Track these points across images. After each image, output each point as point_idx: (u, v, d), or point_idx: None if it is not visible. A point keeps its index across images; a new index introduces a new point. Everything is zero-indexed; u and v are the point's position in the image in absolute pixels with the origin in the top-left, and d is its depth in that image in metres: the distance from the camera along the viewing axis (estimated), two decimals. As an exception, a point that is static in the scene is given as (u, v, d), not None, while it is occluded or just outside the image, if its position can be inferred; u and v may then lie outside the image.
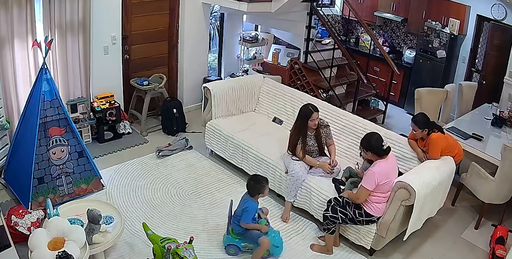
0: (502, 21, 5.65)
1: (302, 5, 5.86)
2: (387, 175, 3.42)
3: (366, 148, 3.50)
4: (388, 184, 3.45)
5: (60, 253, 2.74)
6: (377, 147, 3.43)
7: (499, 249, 3.65)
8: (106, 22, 4.96)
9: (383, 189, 3.44)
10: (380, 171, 3.39)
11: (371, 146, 3.46)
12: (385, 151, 3.43)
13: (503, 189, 4.02)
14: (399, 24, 7.21)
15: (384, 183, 3.41)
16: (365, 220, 3.51)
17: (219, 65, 7.06)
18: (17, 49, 4.26)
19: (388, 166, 3.46)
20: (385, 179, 3.40)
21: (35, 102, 3.83)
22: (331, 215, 3.55)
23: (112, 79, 5.29)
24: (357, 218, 3.50)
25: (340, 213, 3.54)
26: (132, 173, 4.68)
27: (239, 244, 3.59)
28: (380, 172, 3.39)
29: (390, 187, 3.48)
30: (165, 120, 5.60)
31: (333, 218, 3.55)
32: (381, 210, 3.50)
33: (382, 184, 3.40)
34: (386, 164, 3.44)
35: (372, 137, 3.52)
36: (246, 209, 3.44)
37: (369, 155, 3.50)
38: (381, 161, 3.45)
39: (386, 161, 3.45)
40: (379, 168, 3.41)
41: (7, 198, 4.10)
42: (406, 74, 6.86)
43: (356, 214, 3.50)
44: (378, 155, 3.45)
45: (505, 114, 4.98)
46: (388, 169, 3.46)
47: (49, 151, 3.90)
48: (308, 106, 4.01)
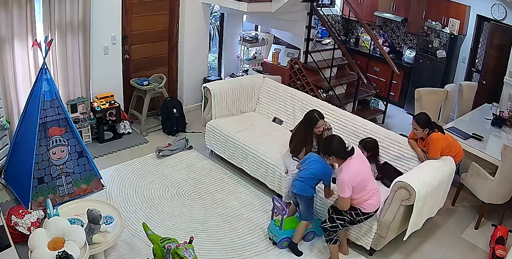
0: (502, 21, 5.65)
1: (302, 5, 5.86)
2: (358, 175, 3.23)
3: (327, 153, 3.29)
4: (365, 181, 3.27)
5: (60, 253, 2.74)
6: (340, 150, 3.25)
7: (499, 249, 3.65)
8: (106, 22, 4.96)
9: (361, 187, 3.26)
10: (349, 176, 3.20)
11: (334, 150, 3.26)
12: (349, 152, 3.25)
13: (503, 189, 4.02)
14: (399, 24, 7.21)
15: (360, 182, 3.23)
16: (364, 217, 3.41)
17: (219, 65, 7.06)
18: (17, 49, 4.26)
19: (355, 165, 3.25)
20: (358, 179, 3.21)
21: (35, 102, 3.83)
22: (330, 225, 3.43)
23: (112, 79, 5.30)
24: (355, 219, 3.40)
25: (338, 221, 3.41)
26: (132, 173, 4.68)
27: (290, 235, 3.68)
28: (350, 176, 3.19)
29: (368, 182, 3.31)
30: (165, 120, 5.60)
31: (333, 228, 3.43)
32: (375, 204, 3.38)
33: (358, 184, 3.22)
34: (353, 164, 3.24)
35: (332, 140, 3.32)
36: (330, 173, 3.56)
37: (332, 160, 3.30)
38: (346, 163, 3.24)
39: (351, 161, 3.25)
40: (347, 173, 3.20)
41: (7, 198, 4.10)
42: (406, 74, 6.86)
43: (354, 215, 3.38)
44: (342, 158, 3.25)
45: (505, 114, 4.98)
46: (357, 168, 3.25)
47: (49, 151, 3.90)
48: (314, 113, 3.92)
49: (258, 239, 3.85)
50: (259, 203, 4.34)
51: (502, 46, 5.61)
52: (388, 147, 4.18)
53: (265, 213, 4.18)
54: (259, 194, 4.48)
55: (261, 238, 3.86)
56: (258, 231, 3.95)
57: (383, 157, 4.18)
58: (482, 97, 5.67)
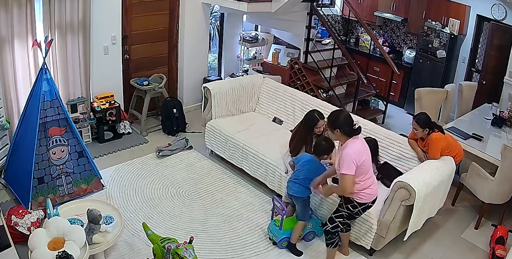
0: (502, 21, 5.65)
1: (302, 5, 5.86)
2: (362, 154, 3.08)
3: (333, 126, 3.08)
4: (367, 166, 3.11)
5: (60, 253, 2.74)
6: (347, 125, 3.05)
7: (499, 249, 3.65)
8: (106, 22, 4.96)
9: (363, 171, 3.10)
10: (355, 151, 3.01)
11: (340, 124, 3.05)
12: (356, 130, 3.07)
13: (503, 189, 4.02)
14: (399, 24, 7.21)
15: (362, 165, 3.06)
16: (362, 209, 3.28)
17: (219, 65, 7.06)
18: (17, 49, 4.26)
19: (361, 145, 3.10)
20: (363, 158, 3.06)
21: (35, 102, 3.83)
22: (331, 226, 3.35)
23: (112, 79, 5.30)
24: (353, 212, 3.27)
25: (337, 219, 3.33)
26: (132, 173, 4.68)
27: (290, 235, 3.67)
28: (356, 152, 3.01)
29: (369, 168, 3.17)
30: (165, 120, 5.60)
31: (334, 228, 3.35)
32: (372, 194, 3.24)
33: (361, 165, 3.04)
34: (358, 143, 3.08)
35: (340, 113, 3.14)
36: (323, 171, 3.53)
37: (337, 135, 3.09)
38: (352, 140, 3.07)
39: (357, 140, 3.08)
40: (353, 148, 3.02)
41: (7, 198, 4.10)
42: (406, 74, 6.86)
43: (350, 208, 3.25)
44: (348, 135, 3.07)
45: (505, 114, 4.98)
46: (362, 148, 3.10)
47: (49, 151, 3.90)
48: (314, 113, 3.92)
49: (258, 239, 3.85)
50: (259, 203, 4.34)
51: (502, 46, 5.61)
52: (388, 147, 4.18)
53: (265, 213, 4.18)
54: (259, 194, 4.48)
55: (261, 238, 3.86)
56: (258, 231, 3.95)
57: (383, 157, 4.18)
58: (482, 97, 5.67)
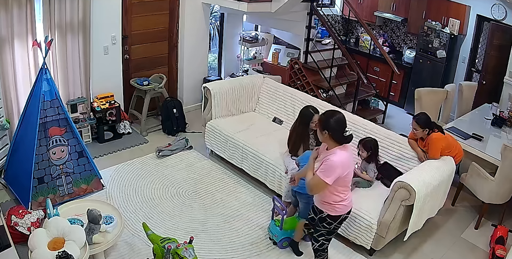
0: (502, 21, 5.65)
1: (302, 5, 5.86)
2: (348, 166, 2.89)
3: (323, 126, 2.87)
4: (349, 178, 2.95)
5: (60, 253, 2.74)
6: (337, 129, 2.84)
7: (499, 249, 3.65)
8: (106, 22, 4.96)
9: (344, 183, 2.94)
10: (343, 161, 2.82)
11: (330, 126, 2.84)
12: (346, 138, 2.86)
13: (503, 189, 4.02)
14: (399, 24, 7.21)
15: (346, 177, 2.89)
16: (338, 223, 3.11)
17: (219, 65, 7.06)
18: (17, 49, 4.26)
19: (348, 156, 2.89)
20: (347, 170, 2.87)
21: (35, 102, 3.83)
22: (318, 245, 3.23)
23: (112, 79, 5.30)
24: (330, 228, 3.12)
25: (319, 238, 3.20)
26: (132, 173, 4.68)
27: (290, 235, 3.68)
28: (343, 163, 2.82)
29: (350, 180, 3.00)
30: (165, 120, 5.60)
31: (321, 246, 3.24)
32: (347, 206, 3.07)
33: (344, 176, 2.87)
34: (347, 154, 2.88)
35: (334, 115, 2.89)
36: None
37: (325, 137, 2.89)
38: (341, 148, 2.87)
39: (346, 150, 2.89)
40: (341, 157, 2.82)
41: (7, 198, 4.10)
42: (406, 74, 6.86)
43: (326, 226, 3.11)
44: (337, 141, 2.86)
45: (505, 114, 4.98)
46: (349, 160, 2.89)
47: (49, 151, 3.90)
48: (309, 108, 3.97)
49: (258, 239, 3.85)
50: (259, 203, 4.34)
51: (502, 46, 5.61)
52: (388, 147, 4.18)
53: (265, 213, 4.18)
54: (259, 194, 4.48)
55: (261, 238, 3.86)
56: (258, 231, 3.95)
57: (383, 157, 4.18)
58: (482, 97, 5.67)
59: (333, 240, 3.84)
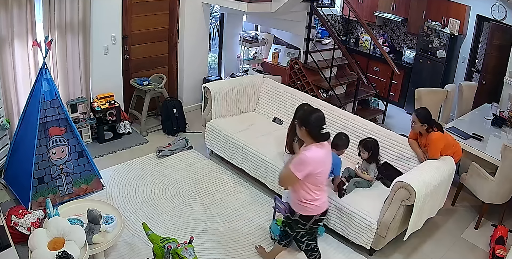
0: (502, 21, 5.65)
1: (302, 5, 5.86)
2: (321, 165, 2.87)
3: (301, 122, 2.88)
4: (322, 177, 2.93)
5: (60, 253, 2.74)
6: (315, 126, 2.82)
7: (499, 249, 3.65)
8: (106, 22, 4.96)
9: (316, 182, 2.91)
10: (314, 157, 2.80)
11: (308, 122, 2.83)
12: (322, 135, 2.84)
13: (503, 189, 4.02)
14: (399, 24, 7.21)
15: (317, 175, 2.87)
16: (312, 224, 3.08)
17: (219, 65, 7.06)
18: (17, 49, 4.26)
19: (324, 154, 2.88)
20: (319, 168, 2.85)
21: (35, 102, 3.83)
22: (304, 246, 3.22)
23: (112, 79, 5.30)
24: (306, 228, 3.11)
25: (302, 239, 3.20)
26: (132, 173, 4.68)
27: None
28: (316, 160, 2.81)
29: (324, 180, 2.98)
30: (165, 120, 5.60)
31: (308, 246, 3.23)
32: (320, 207, 3.02)
33: (316, 174, 2.85)
34: (322, 152, 2.86)
35: (313, 112, 2.90)
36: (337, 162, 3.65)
37: (302, 132, 2.87)
38: (317, 146, 2.85)
39: (322, 148, 2.87)
40: (315, 154, 2.81)
41: (7, 198, 4.10)
42: (406, 74, 6.86)
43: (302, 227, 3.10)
44: (313, 138, 2.85)
45: (505, 114, 4.98)
46: (324, 158, 2.88)
47: (49, 151, 3.90)
48: (304, 106, 3.96)
49: (258, 239, 3.85)
50: (259, 203, 4.34)
51: (502, 46, 5.61)
52: (388, 147, 4.18)
53: (265, 213, 4.18)
54: (259, 194, 4.48)
55: (261, 238, 3.86)
56: (258, 231, 3.95)
57: (383, 157, 4.18)
58: (482, 97, 5.67)
59: (333, 240, 3.87)
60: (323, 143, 2.89)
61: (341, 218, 3.76)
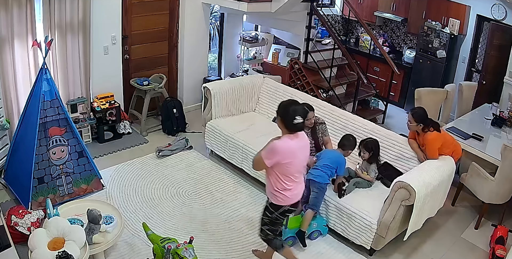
0: (502, 21, 5.65)
1: (302, 5, 5.87)
2: (290, 155, 2.94)
3: (277, 111, 3.00)
4: (291, 168, 2.98)
5: (60, 253, 2.74)
6: (289, 117, 2.91)
7: (499, 249, 3.65)
8: (106, 22, 4.96)
9: (286, 172, 2.98)
10: (283, 147, 2.91)
11: (283, 112, 2.95)
12: (294, 126, 2.93)
13: (503, 189, 4.02)
14: (399, 24, 7.21)
15: (286, 165, 2.95)
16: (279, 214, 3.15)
17: (219, 65, 7.06)
18: (17, 49, 4.26)
19: (295, 145, 2.96)
20: (287, 158, 2.93)
21: (35, 102, 3.83)
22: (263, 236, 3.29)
23: (112, 79, 5.30)
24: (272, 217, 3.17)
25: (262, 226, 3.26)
26: (132, 173, 4.68)
27: (295, 234, 3.71)
28: (284, 149, 2.91)
29: (296, 172, 3.04)
30: (165, 120, 5.60)
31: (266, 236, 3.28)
32: (290, 198, 3.08)
33: (284, 164, 2.94)
34: (294, 143, 2.96)
35: (292, 104, 2.99)
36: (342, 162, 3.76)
37: (279, 122, 2.99)
38: (289, 136, 2.96)
39: (294, 139, 2.96)
40: (284, 144, 2.92)
41: (7, 198, 4.10)
42: (406, 74, 6.86)
43: (268, 214, 3.17)
44: (287, 128, 2.95)
45: (505, 114, 4.98)
46: (294, 149, 2.96)
47: (49, 151, 3.90)
48: (303, 106, 3.97)
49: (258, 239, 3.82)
50: (259, 203, 4.33)
51: (502, 46, 5.61)
52: (388, 147, 4.18)
53: (265, 213, 4.18)
54: (259, 194, 4.48)
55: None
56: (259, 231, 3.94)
57: (383, 157, 4.18)
58: (482, 97, 5.67)
59: (333, 240, 3.87)
60: (298, 135, 2.99)
61: (341, 218, 3.77)
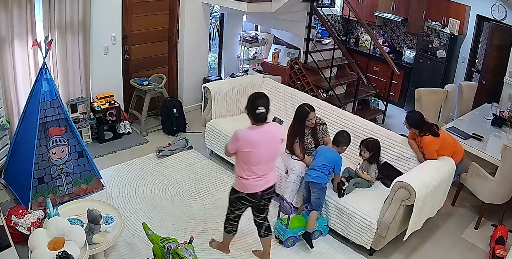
0: (502, 21, 5.65)
1: (302, 5, 5.86)
2: (249, 144, 3.06)
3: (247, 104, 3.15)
4: (251, 158, 3.10)
5: (60, 253, 2.74)
6: (253, 107, 3.07)
7: (499, 249, 3.65)
8: (106, 22, 4.96)
9: (245, 160, 3.12)
10: (244, 135, 3.07)
11: (249, 103, 3.11)
12: (257, 116, 3.06)
13: (503, 189, 4.02)
14: (399, 24, 7.21)
15: (246, 154, 3.08)
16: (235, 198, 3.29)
17: (219, 65, 7.06)
18: (17, 49, 4.26)
19: (255, 135, 3.08)
20: (245, 147, 3.06)
21: (35, 102, 3.83)
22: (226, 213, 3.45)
23: (112, 79, 5.30)
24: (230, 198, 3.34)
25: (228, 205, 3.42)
26: (132, 173, 4.68)
27: (296, 233, 3.72)
28: (244, 137, 3.06)
29: (257, 164, 3.12)
30: (165, 120, 5.60)
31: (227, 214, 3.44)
32: (245, 185, 3.20)
33: (245, 152, 3.08)
34: (255, 133, 3.08)
35: (260, 97, 3.15)
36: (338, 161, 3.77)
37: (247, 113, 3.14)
38: (253, 127, 3.11)
39: (256, 130, 3.09)
40: (246, 133, 3.08)
41: (7, 198, 4.10)
42: (406, 74, 6.86)
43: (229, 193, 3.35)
44: (251, 117, 3.11)
45: (505, 114, 4.98)
46: (253, 138, 3.07)
47: (49, 151, 3.90)
48: (304, 106, 3.98)
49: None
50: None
51: (502, 46, 5.61)
52: (388, 147, 4.18)
53: (265, 213, 4.18)
54: (259, 194, 4.47)
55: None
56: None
57: (383, 157, 4.17)
58: (482, 97, 5.67)
59: (333, 240, 3.87)
60: (263, 127, 3.12)
61: (341, 218, 3.77)
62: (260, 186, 3.23)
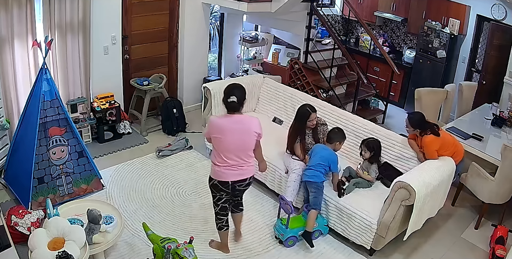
0: (502, 21, 5.65)
1: (302, 5, 5.86)
2: (217, 130, 3.18)
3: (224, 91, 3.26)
4: (220, 146, 3.21)
5: (60, 253, 2.74)
6: (225, 96, 3.19)
7: (499, 249, 3.65)
8: (106, 22, 4.96)
9: (217, 147, 3.23)
10: (215, 122, 3.21)
11: (225, 92, 3.22)
12: (228, 104, 3.17)
13: (503, 189, 4.02)
14: (399, 24, 7.21)
15: (216, 138, 3.20)
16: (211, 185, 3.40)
17: (219, 65, 7.06)
18: (17, 49, 4.26)
19: (226, 124, 3.18)
20: (214, 133, 3.20)
21: (35, 102, 3.83)
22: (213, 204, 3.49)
23: (112, 79, 5.30)
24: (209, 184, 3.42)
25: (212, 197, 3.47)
26: (132, 173, 4.68)
27: (296, 233, 3.72)
28: (215, 124, 3.21)
29: (227, 151, 3.20)
30: (165, 120, 5.60)
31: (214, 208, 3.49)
32: (215, 173, 3.31)
33: (215, 138, 3.19)
34: (225, 120, 3.20)
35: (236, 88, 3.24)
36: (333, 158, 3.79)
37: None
38: (225, 115, 3.24)
39: (227, 118, 3.20)
40: (216, 119, 3.24)
41: (7, 198, 4.10)
42: (406, 74, 6.86)
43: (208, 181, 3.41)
44: (225, 106, 3.22)
45: (505, 114, 4.98)
46: (224, 127, 3.18)
47: (49, 151, 3.90)
48: (306, 107, 3.99)
49: (259, 239, 3.85)
50: (259, 203, 4.34)
51: (502, 46, 5.61)
52: (388, 147, 4.18)
53: (265, 213, 4.18)
54: (259, 194, 4.48)
55: (262, 238, 3.86)
56: (259, 231, 3.95)
57: (383, 157, 4.18)
58: (482, 97, 5.67)
59: (333, 240, 3.87)
60: (235, 116, 3.20)
61: (341, 218, 3.77)
62: (231, 175, 3.28)
